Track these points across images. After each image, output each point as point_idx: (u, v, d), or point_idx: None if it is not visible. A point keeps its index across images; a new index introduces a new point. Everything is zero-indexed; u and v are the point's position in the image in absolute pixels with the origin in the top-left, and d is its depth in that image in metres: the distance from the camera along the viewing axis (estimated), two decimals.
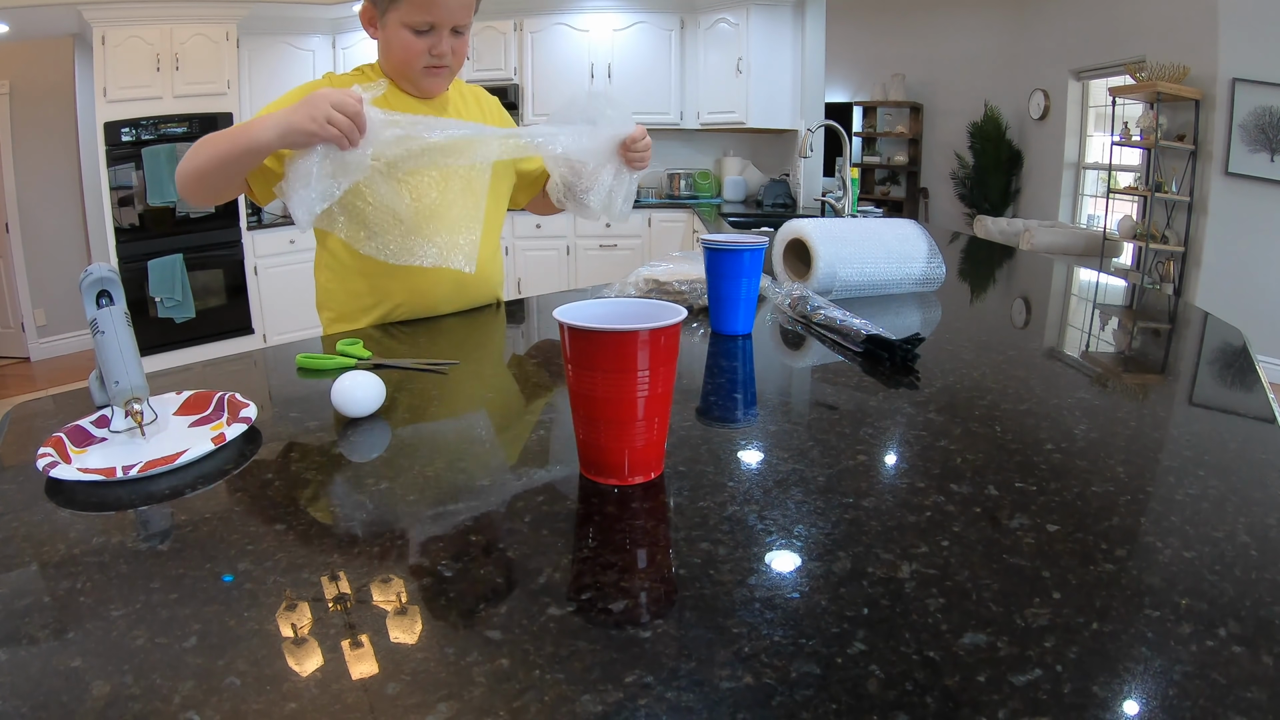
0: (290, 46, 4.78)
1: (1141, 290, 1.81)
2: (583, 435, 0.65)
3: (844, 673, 0.42)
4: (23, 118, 4.88)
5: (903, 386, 0.92)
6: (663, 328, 0.60)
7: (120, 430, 0.75)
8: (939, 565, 0.52)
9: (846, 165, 2.78)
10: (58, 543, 0.57)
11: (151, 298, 4.44)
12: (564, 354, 0.62)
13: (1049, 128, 6.03)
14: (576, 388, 0.62)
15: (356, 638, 0.45)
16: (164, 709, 0.39)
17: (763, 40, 4.57)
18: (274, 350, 1.12)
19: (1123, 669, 0.42)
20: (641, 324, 0.59)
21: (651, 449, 0.64)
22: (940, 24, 6.78)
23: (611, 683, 0.41)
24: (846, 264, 1.35)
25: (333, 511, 0.62)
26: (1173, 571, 0.51)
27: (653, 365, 0.60)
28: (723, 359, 1.04)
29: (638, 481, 0.64)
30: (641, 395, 0.61)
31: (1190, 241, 4.31)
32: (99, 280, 0.77)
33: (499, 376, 1.03)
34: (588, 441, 0.64)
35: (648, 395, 0.61)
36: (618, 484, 0.64)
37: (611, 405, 0.61)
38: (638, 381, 0.60)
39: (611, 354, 0.60)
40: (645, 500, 0.62)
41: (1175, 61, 4.27)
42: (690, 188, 5.19)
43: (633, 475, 0.64)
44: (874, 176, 7.45)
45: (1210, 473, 0.66)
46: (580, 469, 0.67)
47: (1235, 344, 1.15)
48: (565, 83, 4.83)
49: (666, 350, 0.61)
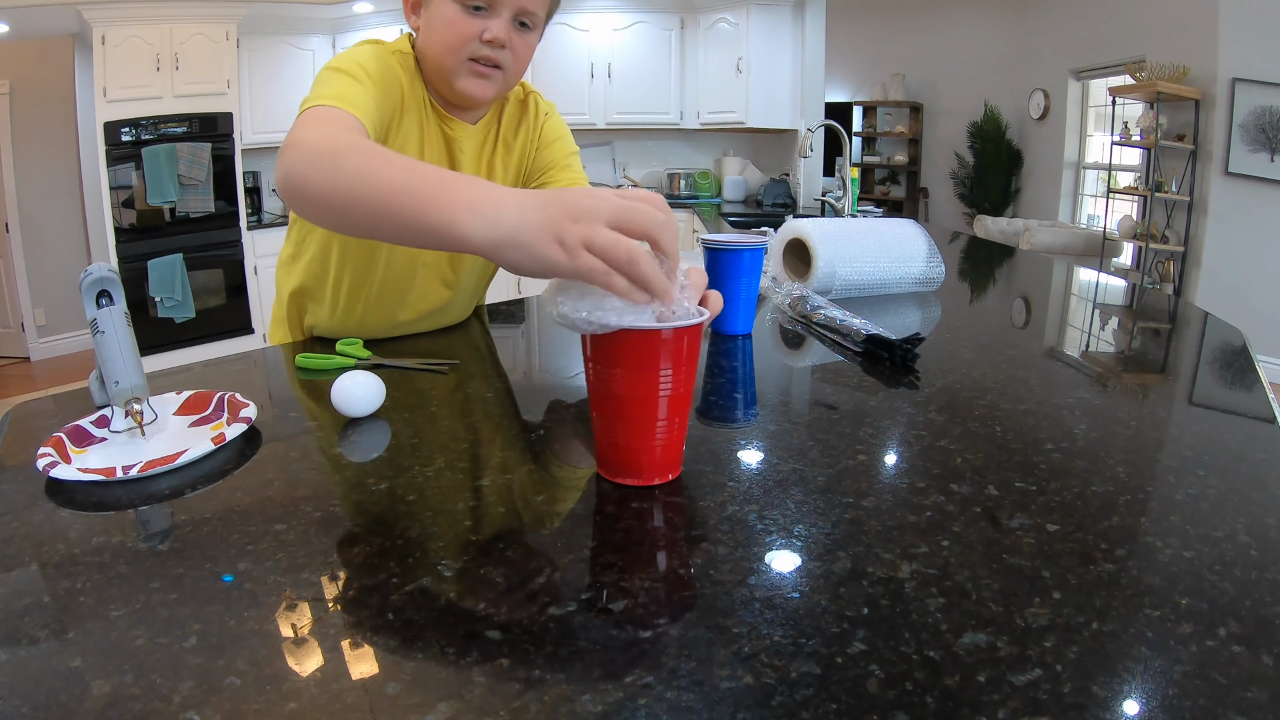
0: (290, 46, 4.78)
1: (1141, 290, 1.81)
2: (601, 435, 0.64)
3: (844, 673, 0.42)
4: (23, 118, 4.88)
5: (903, 386, 0.92)
6: (686, 327, 0.59)
7: (120, 430, 0.75)
8: (939, 565, 0.52)
9: (846, 165, 2.78)
10: (58, 543, 0.57)
11: (151, 298, 4.44)
12: (584, 352, 0.62)
13: (1049, 127, 6.03)
14: (596, 386, 0.62)
15: (356, 638, 0.45)
16: (164, 709, 0.39)
17: (763, 40, 4.58)
18: (274, 350, 1.12)
19: (1123, 669, 0.42)
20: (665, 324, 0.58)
21: (670, 450, 0.64)
22: (940, 24, 6.78)
23: (611, 683, 0.41)
24: (846, 264, 1.35)
25: (333, 511, 0.62)
26: (1173, 571, 0.51)
27: (675, 364, 0.60)
28: (723, 359, 1.04)
29: (656, 482, 0.64)
30: (664, 394, 0.60)
31: (1190, 241, 4.31)
32: (99, 280, 0.77)
33: (499, 376, 1.03)
34: (606, 441, 0.64)
35: (670, 394, 0.61)
36: (635, 484, 0.64)
37: (632, 404, 0.60)
38: (660, 380, 0.60)
39: (634, 352, 0.59)
40: (663, 499, 0.62)
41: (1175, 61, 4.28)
42: (690, 187, 5.20)
43: (651, 476, 0.64)
44: (874, 176, 7.45)
45: (1210, 473, 0.66)
46: (598, 469, 0.66)
47: (1235, 344, 1.15)
48: (565, 82, 4.84)
49: (690, 350, 0.60)
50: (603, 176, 5.22)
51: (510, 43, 0.95)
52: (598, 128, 4.99)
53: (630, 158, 5.34)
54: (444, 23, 0.93)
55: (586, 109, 4.93)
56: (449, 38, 0.94)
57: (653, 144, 5.32)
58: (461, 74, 0.96)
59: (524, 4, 0.93)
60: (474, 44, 0.93)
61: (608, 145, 5.26)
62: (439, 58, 0.96)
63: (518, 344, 1.24)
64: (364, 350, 1.02)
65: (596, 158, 5.21)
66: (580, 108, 4.91)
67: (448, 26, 0.93)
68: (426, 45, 0.98)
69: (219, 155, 4.52)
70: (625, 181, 5.14)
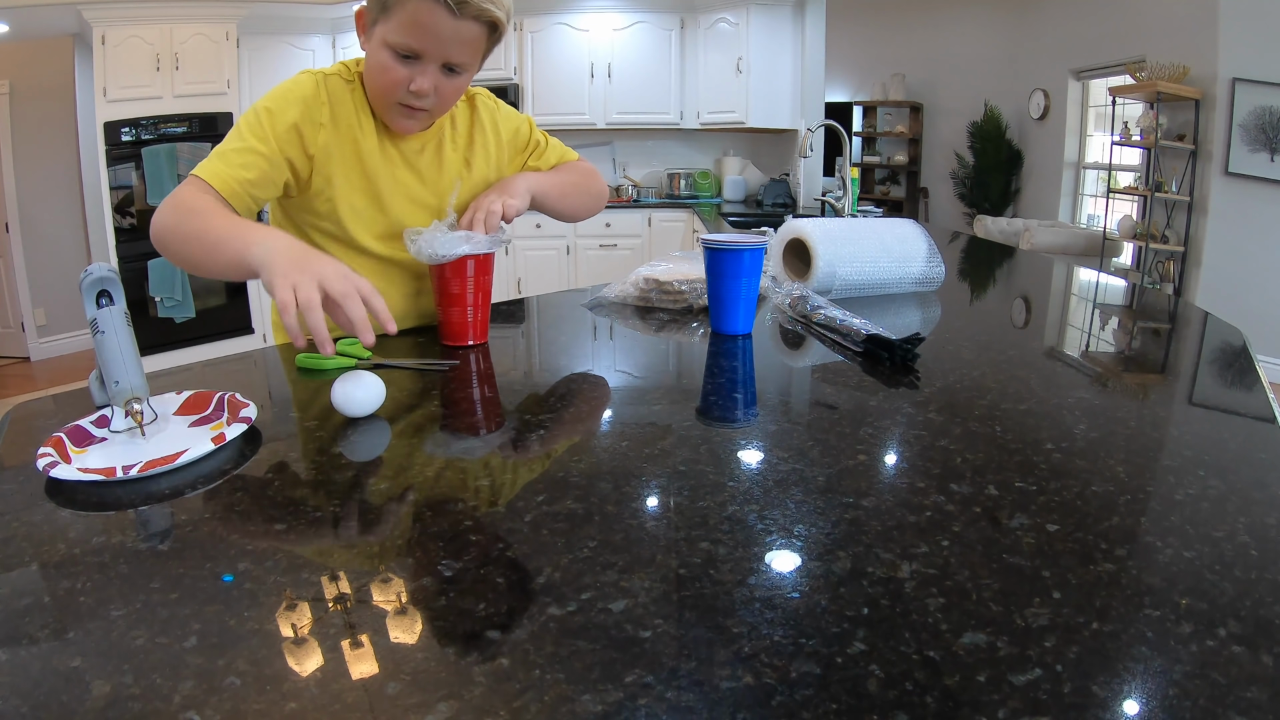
0: (290, 46, 4.78)
1: (1141, 290, 1.81)
2: (442, 315, 1.08)
3: (844, 673, 0.42)
4: (23, 118, 4.88)
5: (903, 386, 0.92)
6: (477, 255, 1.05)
7: (120, 430, 0.75)
8: (939, 565, 0.52)
9: (846, 165, 2.78)
10: (58, 543, 0.57)
11: (151, 297, 4.44)
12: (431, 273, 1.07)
13: (1049, 127, 6.03)
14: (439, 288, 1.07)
15: (356, 638, 0.45)
16: (164, 709, 0.39)
17: (763, 40, 4.58)
18: (274, 350, 1.12)
19: (1123, 669, 0.42)
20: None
21: (479, 324, 1.09)
22: (940, 24, 6.78)
23: (611, 683, 0.41)
24: (846, 264, 1.35)
25: (333, 511, 0.62)
26: (1173, 571, 0.51)
27: (478, 272, 1.06)
28: (723, 359, 1.04)
29: (472, 343, 1.09)
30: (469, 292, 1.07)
31: (1190, 241, 4.31)
32: (99, 280, 0.77)
33: (499, 376, 1.03)
34: (444, 319, 1.09)
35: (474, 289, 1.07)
36: (460, 345, 1.08)
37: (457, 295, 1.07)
38: (467, 283, 1.06)
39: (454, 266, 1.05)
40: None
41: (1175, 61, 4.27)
42: (690, 187, 5.20)
43: (468, 339, 1.09)
44: (874, 176, 7.45)
45: (1210, 473, 0.66)
46: (442, 340, 1.09)
47: (1235, 344, 1.15)
48: (566, 82, 4.84)
49: (480, 263, 1.06)
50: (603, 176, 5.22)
51: (437, 88, 1.02)
52: (598, 128, 4.99)
53: (630, 158, 5.34)
54: (378, 67, 1.00)
55: (586, 109, 4.93)
56: (381, 81, 1.01)
57: (653, 144, 5.32)
58: (392, 113, 1.05)
59: (450, 56, 0.99)
60: (402, 91, 1.01)
61: (608, 145, 5.26)
62: (373, 94, 1.06)
63: (517, 344, 1.24)
64: (364, 350, 1.02)
65: (596, 158, 5.21)
66: (580, 108, 4.91)
67: (381, 71, 1.00)
68: (366, 77, 1.06)
69: None
70: (625, 182, 5.13)
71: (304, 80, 1.05)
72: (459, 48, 0.98)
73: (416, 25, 0.95)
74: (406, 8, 0.94)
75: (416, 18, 0.94)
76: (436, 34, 0.96)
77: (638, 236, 4.87)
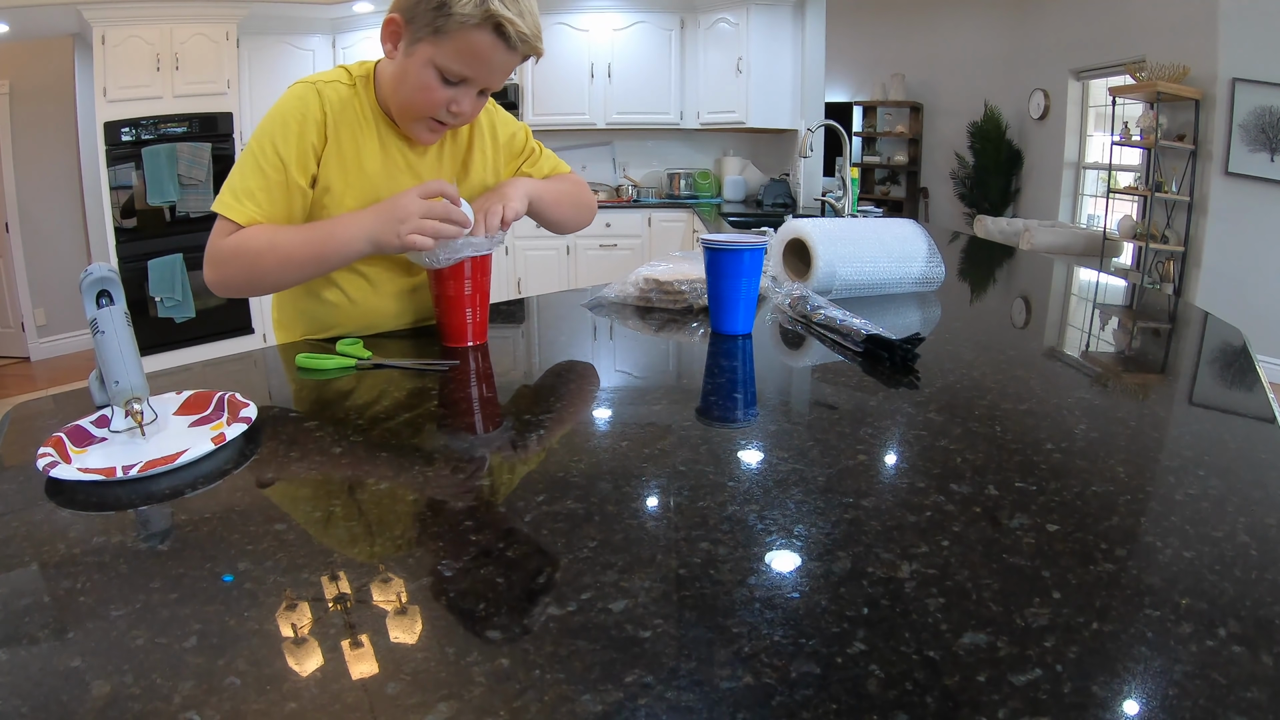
0: (290, 46, 4.78)
1: (1141, 290, 1.81)
2: (440, 317, 1.09)
3: (844, 673, 0.42)
4: (23, 118, 4.88)
5: (903, 386, 0.92)
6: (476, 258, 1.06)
7: (120, 430, 0.75)
8: (939, 565, 0.52)
9: (846, 165, 2.78)
10: (58, 543, 0.57)
11: (151, 297, 4.44)
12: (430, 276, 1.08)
13: (1049, 128, 6.03)
14: (438, 290, 1.07)
15: (356, 638, 0.45)
16: (164, 709, 0.39)
17: (763, 40, 4.57)
18: (274, 350, 1.12)
19: (1123, 669, 0.42)
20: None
21: (478, 325, 1.10)
22: (940, 24, 6.78)
23: (611, 683, 0.41)
24: (846, 264, 1.35)
25: (333, 511, 0.62)
26: (1173, 571, 0.51)
27: (475, 273, 1.06)
28: (723, 359, 1.04)
29: (472, 344, 1.09)
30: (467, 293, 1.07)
31: (1190, 241, 4.31)
32: (99, 280, 0.77)
33: (498, 376, 1.03)
34: (443, 321, 1.09)
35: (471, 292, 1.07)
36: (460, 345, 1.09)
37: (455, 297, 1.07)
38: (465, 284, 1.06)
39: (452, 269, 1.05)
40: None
41: (1175, 61, 4.27)
42: (690, 187, 5.19)
43: (467, 340, 1.09)
44: (874, 176, 7.45)
45: (1210, 473, 0.66)
46: (442, 341, 1.09)
47: (1235, 344, 1.15)
48: (566, 82, 4.84)
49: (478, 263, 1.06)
50: (603, 176, 5.22)
51: (471, 109, 1.06)
52: (598, 128, 4.98)
53: (630, 158, 5.34)
54: (418, 83, 1.00)
55: (586, 109, 4.93)
56: (420, 99, 1.02)
57: (653, 144, 5.32)
58: (418, 126, 1.07)
59: (495, 83, 1.04)
60: (441, 110, 1.03)
61: (608, 145, 5.25)
62: (402, 105, 1.05)
63: (517, 344, 1.24)
64: (364, 350, 1.02)
65: (596, 158, 5.21)
66: (580, 108, 4.91)
67: (421, 89, 1.01)
68: (394, 88, 1.05)
69: (219, 155, 4.52)
70: (625, 182, 5.13)
71: (302, 95, 1.04)
72: (503, 76, 1.03)
73: (473, 55, 0.97)
74: (466, 37, 0.96)
75: (474, 48, 0.97)
76: (489, 64, 0.99)
77: (638, 236, 4.87)
